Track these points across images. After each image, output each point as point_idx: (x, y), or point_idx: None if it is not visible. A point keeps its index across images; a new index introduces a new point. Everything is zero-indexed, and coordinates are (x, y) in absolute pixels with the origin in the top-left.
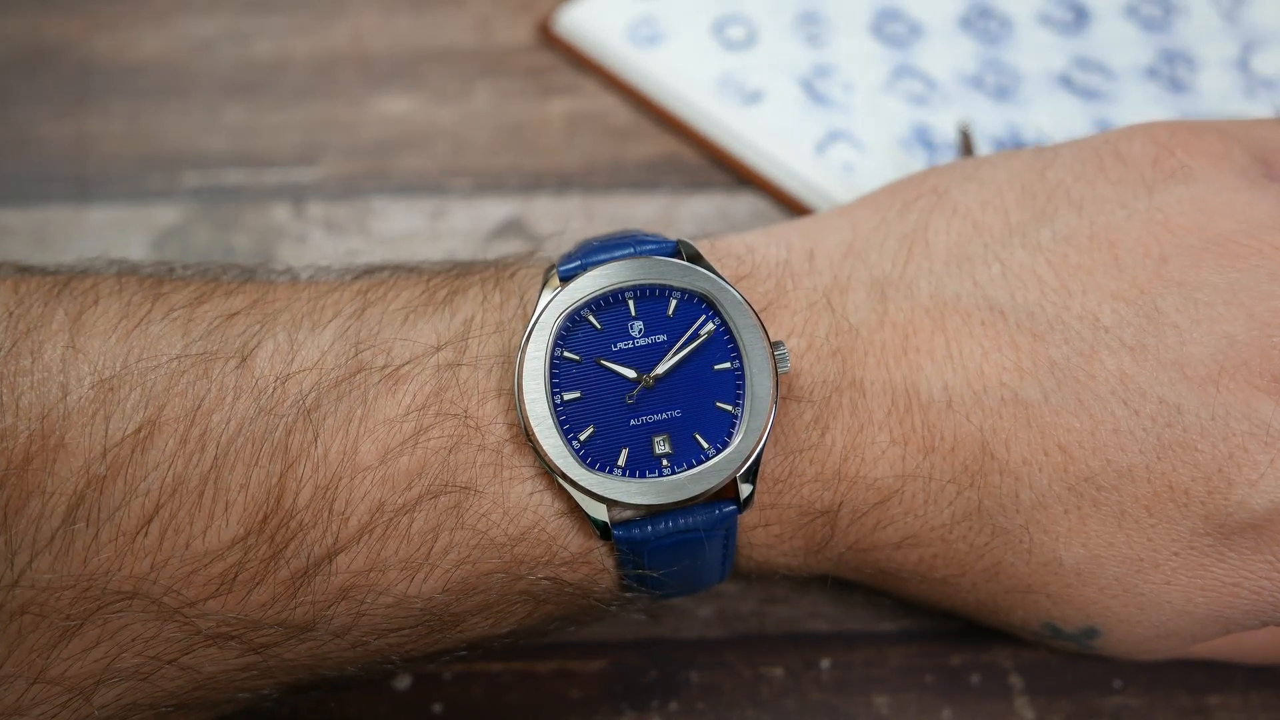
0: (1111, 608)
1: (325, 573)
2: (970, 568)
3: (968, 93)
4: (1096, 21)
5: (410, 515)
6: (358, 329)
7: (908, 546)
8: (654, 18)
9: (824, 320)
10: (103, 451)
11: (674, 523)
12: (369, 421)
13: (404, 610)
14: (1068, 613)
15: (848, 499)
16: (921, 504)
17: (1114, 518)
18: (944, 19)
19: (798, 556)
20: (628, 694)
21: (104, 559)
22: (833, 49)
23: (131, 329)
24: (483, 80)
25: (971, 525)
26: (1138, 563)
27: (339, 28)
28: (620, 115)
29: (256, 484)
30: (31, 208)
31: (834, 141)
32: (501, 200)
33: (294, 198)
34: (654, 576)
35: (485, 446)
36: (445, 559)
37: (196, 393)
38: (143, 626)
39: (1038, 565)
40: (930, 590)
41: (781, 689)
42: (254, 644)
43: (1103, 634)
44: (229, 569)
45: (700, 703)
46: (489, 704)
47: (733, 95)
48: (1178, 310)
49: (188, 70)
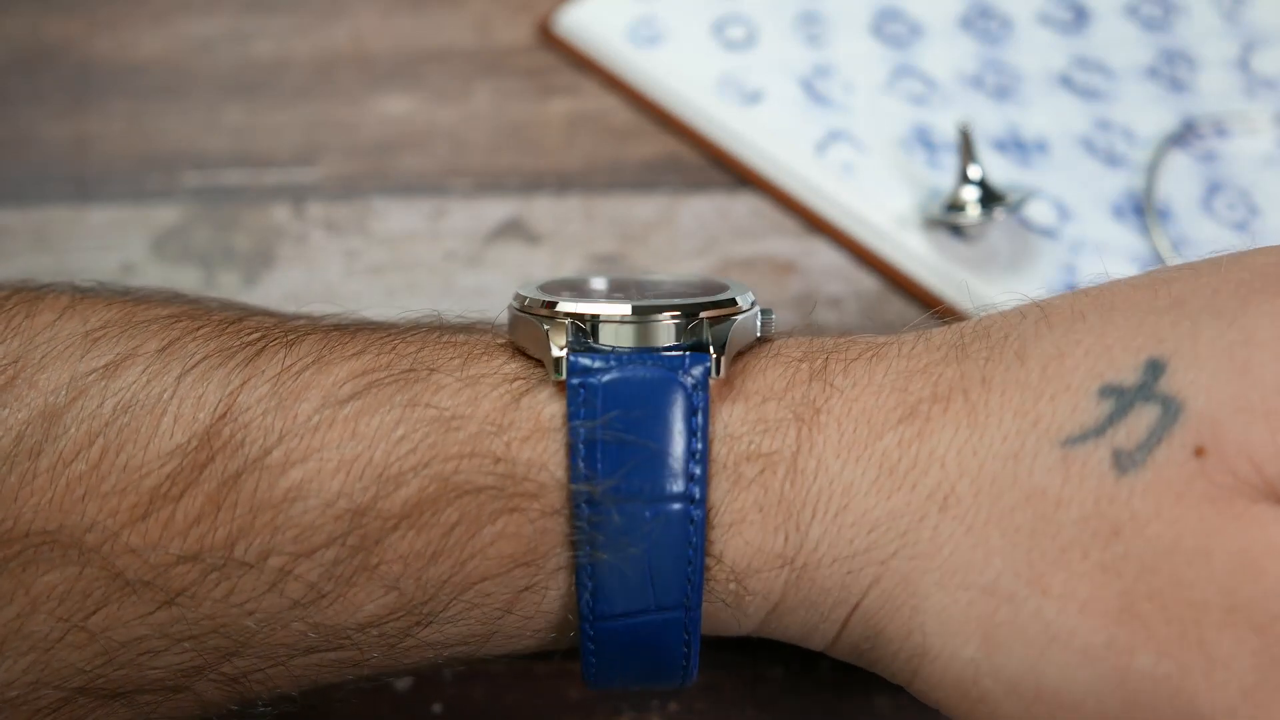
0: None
1: (257, 470)
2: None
3: (968, 93)
4: (1096, 21)
5: (360, 400)
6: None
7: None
8: (654, 18)
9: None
10: (68, 383)
11: (633, 370)
12: (346, 342)
13: (331, 514)
14: None
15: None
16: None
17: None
18: (944, 19)
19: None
20: (628, 694)
21: (36, 488)
22: (833, 49)
23: (132, 304)
24: (483, 80)
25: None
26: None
27: (339, 28)
28: (620, 115)
29: (213, 391)
30: (31, 208)
31: (834, 141)
32: (502, 200)
33: (294, 198)
34: (608, 445)
35: (455, 344)
36: (386, 437)
37: (178, 332)
38: (59, 574)
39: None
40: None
41: (781, 689)
42: (170, 590)
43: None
44: (161, 482)
45: (700, 703)
46: (489, 704)
47: (733, 95)
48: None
49: (188, 70)
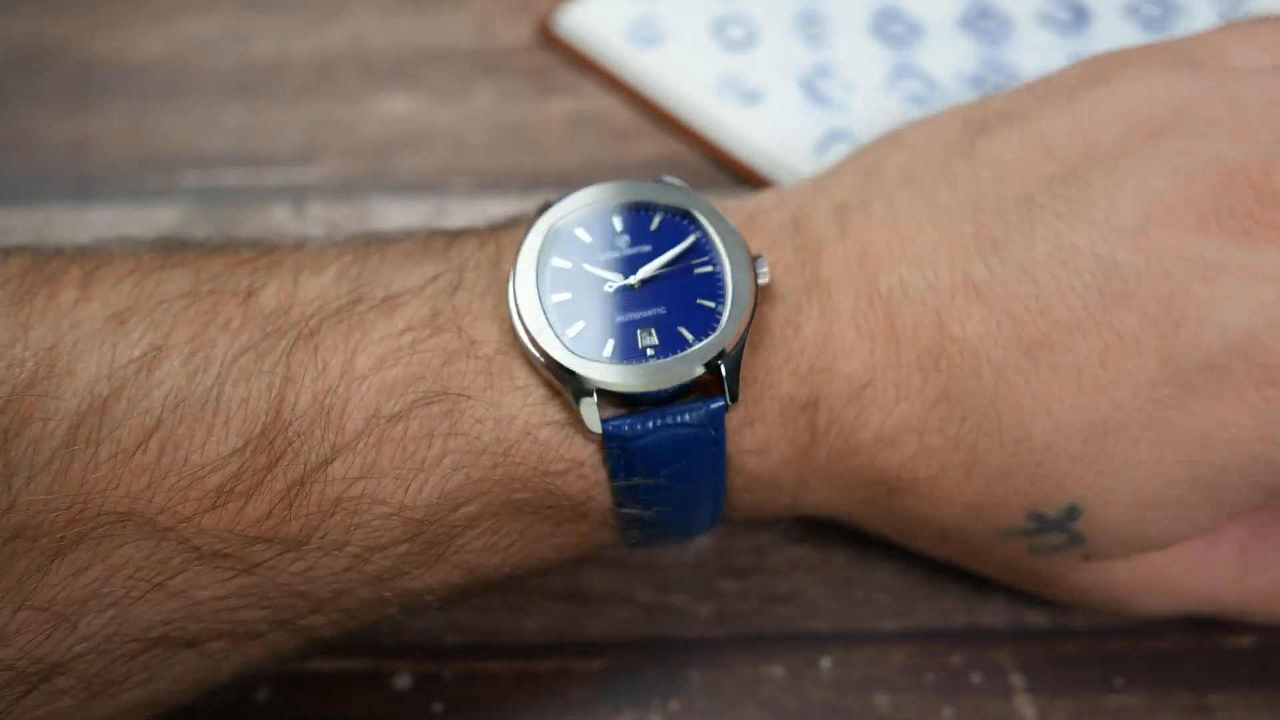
0: (1086, 479)
1: (321, 481)
2: (948, 462)
3: (968, 93)
4: (1096, 21)
5: (404, 422)
6: (358, 270)
7: (885, 446)
8: (654, 18)
9: (790, 240)
10: (108, 374)
11: (663, 419)
12: (367, 339)
13: (399, 521)
14: (1047, 491)
15: (824, 393)
16: (893, 397)
17: (1073, 380)
18: (944, 19)
19: (787, 469)
20: (628, 694)
21: (101, 476)
22: (833, 49)
23: (144, 277)
24: (483, 80)
25: (942, 414)
26: (1104, 424)
27: (339, 28)
28: (620, 115)
29: (256, 397)
30: (31, 208)
31: (834, 141)
32: (502, 200)
33: (294, 198)
34: (647, 486)
35: (478, 357)
36: (439, 466)
37: (203, 321)
38: (135, 548)
39: (1010, 445)
40: (916, 506)
41: (782, 689)
42: (248, 563)
43: (1084, 510)
44: (226, 481)
45: (700, 703)
46: (489, 704)
47: (733, 95)
48: (1105, 177)
49: (188, 70)
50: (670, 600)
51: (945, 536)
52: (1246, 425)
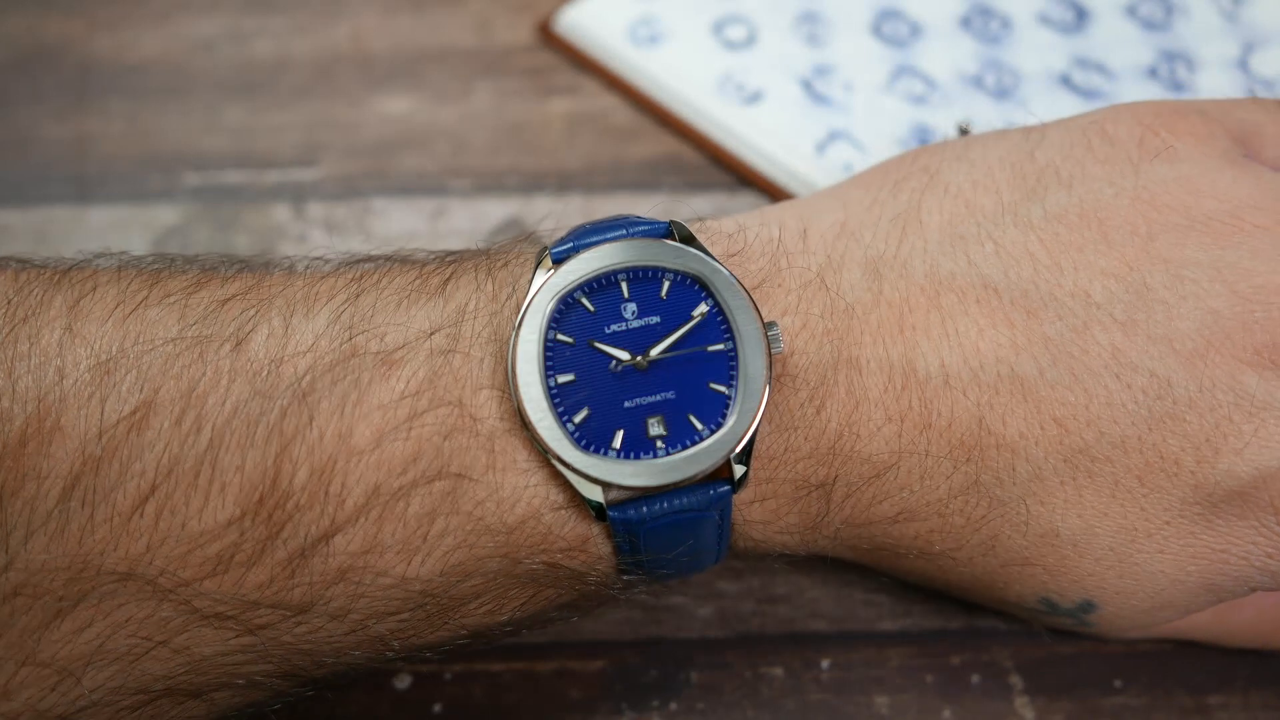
0: (1107, 579)
1: (322, 554)
2: (967, 541)
3: (968, 93)
4: (1096, 21)
5: (405, 500)
6: (351, 314)
7: (904, 521)
8: (654, 18)
9: (818, 299)
10: (99, 433)
11: (669, 503)
12: (363, 406)
13: (402, 592)
14: (1064, 585)
15: (842, 474)
16: (918, 479)
17: (1108, 488)
18: (944, 19)
19: (794, 534)
20: (628, 694)
21: (99, 539)
22: (833, 49)
23: (128, 314)
24: (483, 80)
25: (969, 499)
26: (1131, 532)
27: (339, 28)
28: (620, 115)
29: (252, 465)
30: (31, 208)
31: (834, 141)
32: (502, 200)
33: (294, 198)
34: (651, 559)
35: (478, 434)
36: (442, 543)
37: (192, 375)
38: (137, 607)
39: (1034, 537)
40: (927, 566)
41: (781, 689)
42: (251, 625)
43: (1098, 607)
44: (225, 549)
45: (700, 703)
46: (489, 704)
47: (733, 95)
48: (1165, 287)
49: (188, 70)
50: (670, 600)
51: (949, 589)
52: (1261, 544)
